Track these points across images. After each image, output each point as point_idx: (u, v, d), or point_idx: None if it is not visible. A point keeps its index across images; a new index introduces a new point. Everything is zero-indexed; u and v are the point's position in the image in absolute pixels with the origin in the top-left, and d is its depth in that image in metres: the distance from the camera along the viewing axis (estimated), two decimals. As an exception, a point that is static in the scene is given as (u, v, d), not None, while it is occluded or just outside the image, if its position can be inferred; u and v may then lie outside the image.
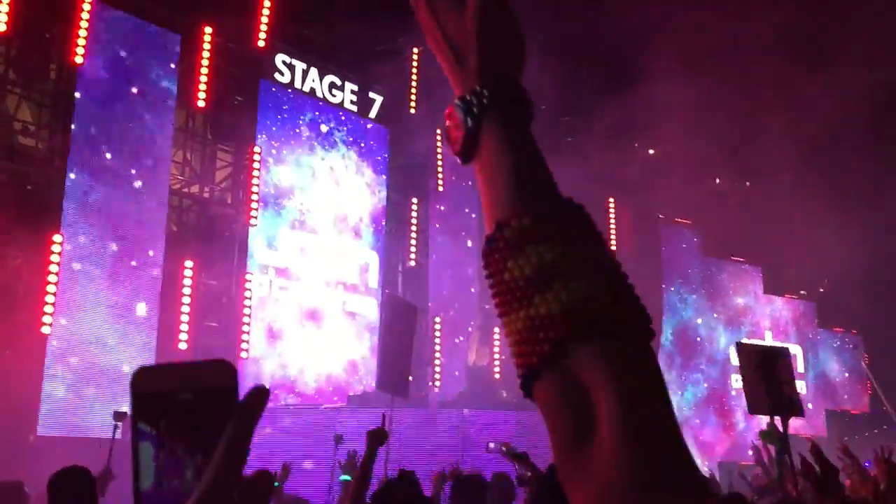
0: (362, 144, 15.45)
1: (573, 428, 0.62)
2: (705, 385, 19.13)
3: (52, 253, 10.13)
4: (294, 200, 14.15)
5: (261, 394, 0.64)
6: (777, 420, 5.70)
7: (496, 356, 15.25)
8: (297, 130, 14.28)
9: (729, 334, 19.57)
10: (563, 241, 0.68)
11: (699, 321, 19.44)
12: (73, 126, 10.78)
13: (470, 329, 15.15)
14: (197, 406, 0.62)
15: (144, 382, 0.63)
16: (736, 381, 17.92)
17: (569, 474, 0.62)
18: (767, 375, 5.50)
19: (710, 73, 14.32)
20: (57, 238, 10.24)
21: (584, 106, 15.94)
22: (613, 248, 18.62)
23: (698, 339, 19.35)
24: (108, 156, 11.10)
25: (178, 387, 0.63)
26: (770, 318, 20.58)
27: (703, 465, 15.41)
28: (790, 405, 5.53)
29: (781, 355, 5.76)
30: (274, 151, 13.75)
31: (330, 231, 14.59)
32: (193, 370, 0.64)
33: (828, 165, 16.00)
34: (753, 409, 5.62)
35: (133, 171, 11.36)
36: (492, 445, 4.70)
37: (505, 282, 0.68)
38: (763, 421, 6.65)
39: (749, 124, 15.93)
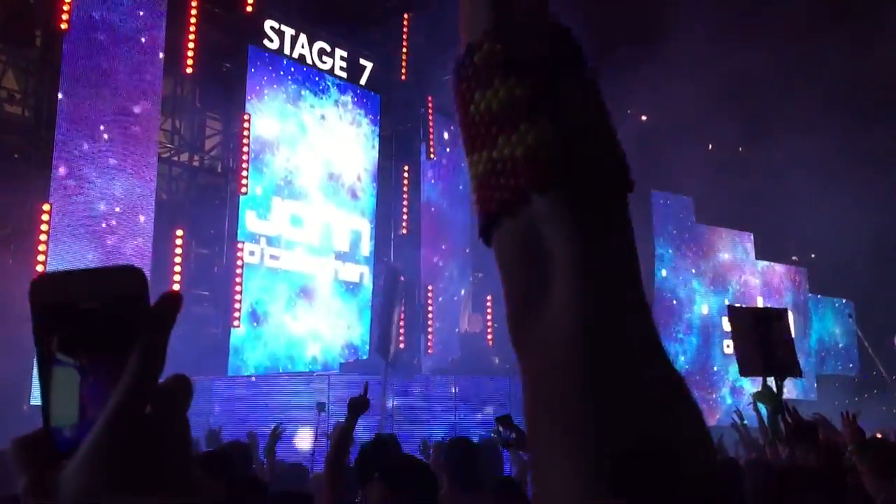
0: (356, 95, 15.26)
1: (527, 284, 0.56)
2: (683, 359, 18.41)
3: (42, 223, 10.06)
4: (279, 156, 13.76)
5: (172, 298, 0.60)
6: (771, 381, 5.73)
7: (488, 323, 15.30)
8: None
9: (712, 298, 19.27)
10: (537, 73, 0.58)
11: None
12: (59, 94, 10.66)
13: (459, 297, 15.18)
14: (104, 316, 0.56)
15: (44, 292, 0.56)
16: (727, 347, 17.79)
17: (518, 337, 0.57)
18: (762, 337, 5.51)
19: (704, 37, 14.21)
20: (46, 207, 10.17)
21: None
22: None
23: (675, 302, 18.87)
24: (96, 124, 10.99)
25: (83, 296, 0.56)
26: (762, 283, 20.49)
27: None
28: (786, 366, 5.55)
29: (777, 317, 5.76)
30: (260, 106, 13.38)
31: (321, 193, 14.34)
32: (98, 277, 0.57)
33: (822, 132, 15.97)
34: (745, 370, 5.63)
35: (121, 139, 11.25)
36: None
37: (470, 116, 0.60)
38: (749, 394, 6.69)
39: (743, 90, 15.86)
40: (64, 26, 10.67)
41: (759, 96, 16.06)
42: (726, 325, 16.88)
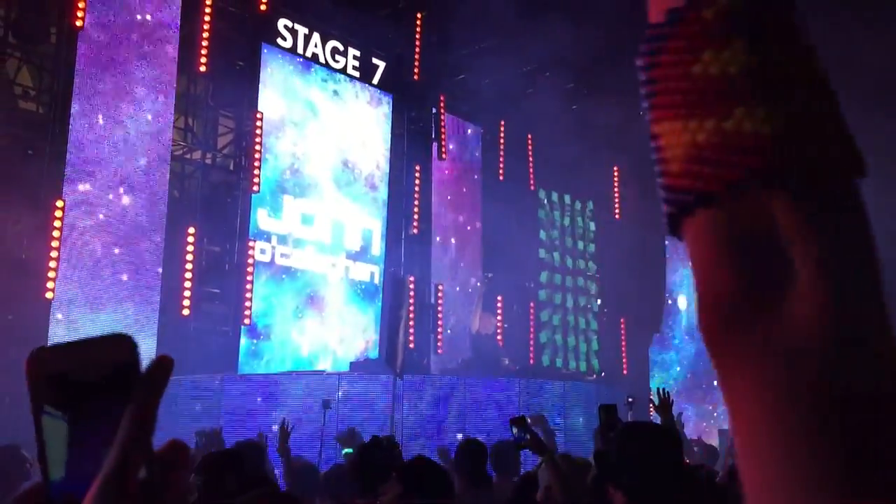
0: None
1: (752, 279, 0.48)
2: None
3: (55, 218, 10.13)
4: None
5: (164, 364, 0.60)
6: None
7: (498, 323, 15.28)
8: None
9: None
10: (785, 39, 0.50)
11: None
12: (74, 91, 10.72)
13: (469, 297, 15.16)
14: (100, 385, 0.59)
15: (41, 364, 0.60)
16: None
17: (732, 339, 0.48)
18: None
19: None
20: (59, 203, 10.23)
21: (589, 73, 15.78)
22: (617, 216, 18.56)
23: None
24: (109, 122, 11.05)
25: (79, 366, 0.59)
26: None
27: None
28: None
29: None
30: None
31: (334, 185, 14.16)
32: (92, 348, 0.60)
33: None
34: None
35: (134, 138, 11.31)
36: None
37: (691, 76, 0.51)
38: None
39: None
40: (79, 23, 10.74)
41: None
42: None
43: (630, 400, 10.31)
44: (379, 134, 15.14)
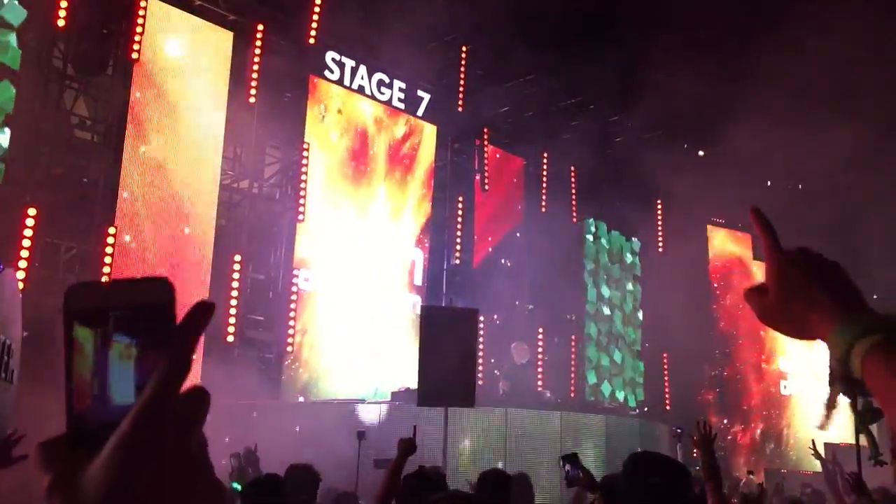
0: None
1: None
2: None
3: (107, 245, 10.38)
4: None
5: (205, 307, 0.61)
6: None
7: (539, 356, 15.20)
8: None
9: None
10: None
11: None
12: (127, 121, 11.03)
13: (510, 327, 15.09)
14: (135, 321, 0.59)
15: (77, 299, 0.59)
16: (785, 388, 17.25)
17: None
18: None
19: (765, 74, 14.05)
20: (111, 230, 10.48)
21: (634, 105, 15.76)
22: (660, 250, 18.40)
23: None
24: (161, 152, 11.33)
25: (115, 302, 0.59)
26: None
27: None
28: None
29: None
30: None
31: (380, 215, 14.58)
32: (130, 286, 0.60)
33: (882, 166, 15.59)
34: None
35: (183, 167, 11.57)
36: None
37: None
38: None
39: (802, 125, 15.55)
40: (135, 56, 11.09)
41: (816, 132, 15.72)
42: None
43: (678, 431, 10.18)
44: (428, 154, 15.45)
